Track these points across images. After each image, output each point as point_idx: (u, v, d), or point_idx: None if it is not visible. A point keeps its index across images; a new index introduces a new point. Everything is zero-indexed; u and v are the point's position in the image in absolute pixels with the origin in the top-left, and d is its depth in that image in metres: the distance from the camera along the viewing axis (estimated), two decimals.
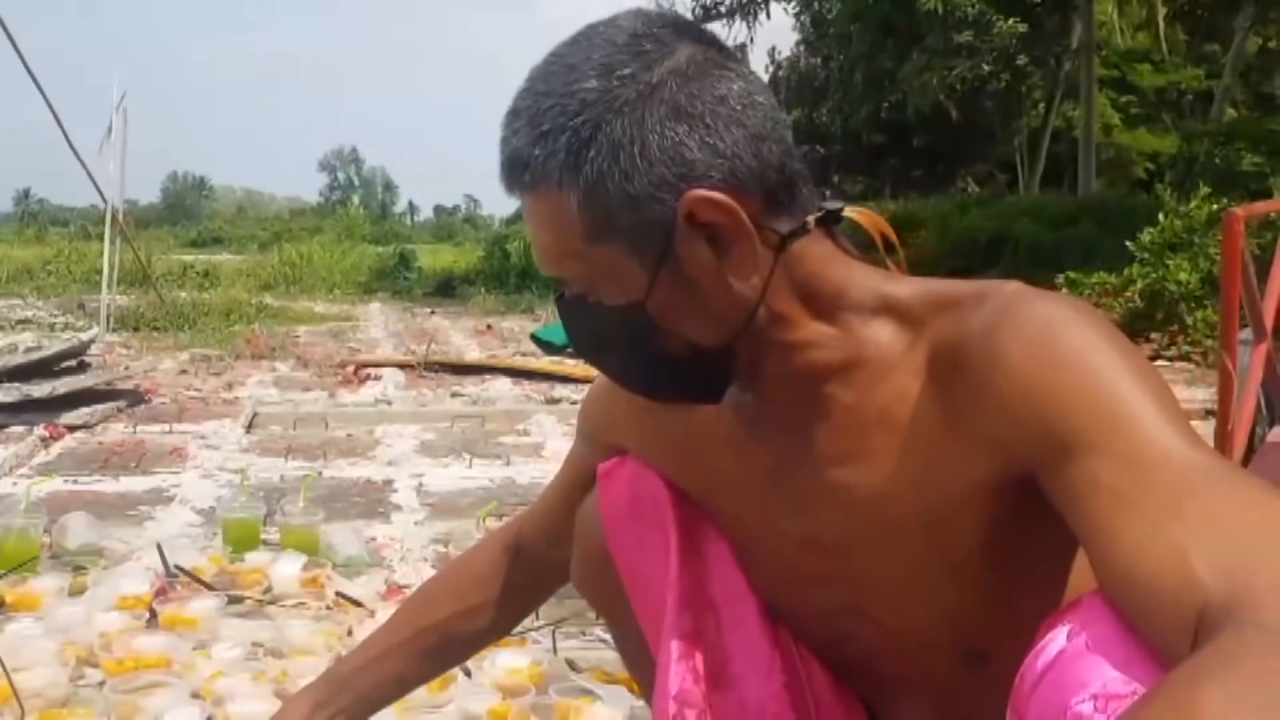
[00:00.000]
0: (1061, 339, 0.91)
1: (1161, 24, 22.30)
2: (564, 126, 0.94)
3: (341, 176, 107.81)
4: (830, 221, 1.02)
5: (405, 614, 1.43)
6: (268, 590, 2.68)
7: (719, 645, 1.18)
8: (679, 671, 1.14)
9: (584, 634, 2.40)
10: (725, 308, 0.99)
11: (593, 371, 1.17)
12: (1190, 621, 0.74)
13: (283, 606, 2.56)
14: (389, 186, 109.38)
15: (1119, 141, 24.47)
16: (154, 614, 2.45)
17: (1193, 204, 9.86)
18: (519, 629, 2.35)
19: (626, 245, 0.96)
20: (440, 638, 1.39)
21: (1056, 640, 0.83)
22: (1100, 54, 20.96)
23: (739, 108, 0.96)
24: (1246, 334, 3.88)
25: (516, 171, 0.98)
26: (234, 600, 2.59)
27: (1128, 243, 10.05)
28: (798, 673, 1.20)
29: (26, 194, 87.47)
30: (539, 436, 5.35)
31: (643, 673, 1.32)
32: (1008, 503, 0.96)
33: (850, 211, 1.09)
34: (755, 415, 1.09)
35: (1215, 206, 9.43)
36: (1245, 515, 0.79)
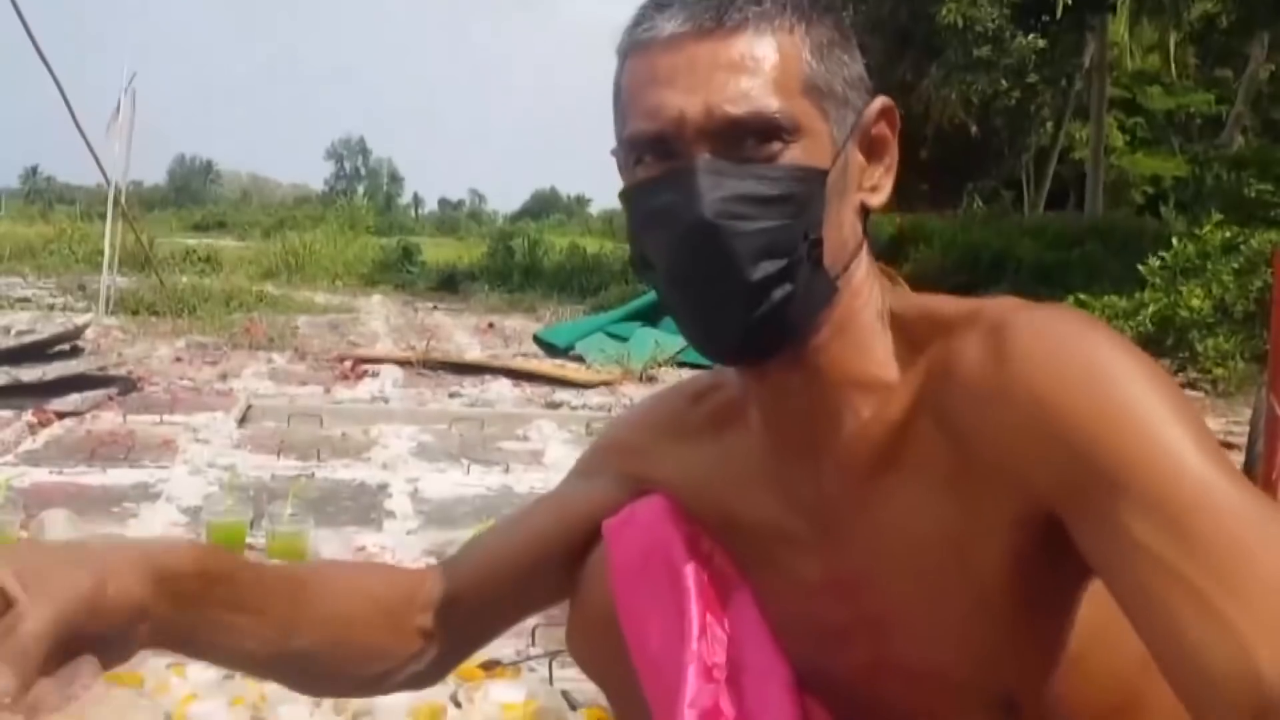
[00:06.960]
0: (1066, 355, 0.85)
1: (1172, 47, 22.23)
2: None
3: (348, 166, 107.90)
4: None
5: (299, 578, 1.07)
6: None
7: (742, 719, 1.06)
8: None
9: None
10: (849, 229, 0.97)
11: (596, 377, 1.07)
12: (1249, 714, 0.73)
13: None
14: (395, 178, 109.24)
15: (1120, 164, 24.39)
16: None
17: (1205, 229, 9.77)
18: (514, 658, 2.25)
19: (833, 109, 0.94)
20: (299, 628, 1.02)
21: None
22: (1111, 75, 20.89)
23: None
24: None
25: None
26: None
27: (1139, 266, 9.97)
28: None
29: (34, 171, 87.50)
30: (539, 442, 5.22)
31: None
32: (1032, 536, 0.90)
33: None
34: (769, 453, 1.04)
35: (1229, 233, 9.35)
36: None
